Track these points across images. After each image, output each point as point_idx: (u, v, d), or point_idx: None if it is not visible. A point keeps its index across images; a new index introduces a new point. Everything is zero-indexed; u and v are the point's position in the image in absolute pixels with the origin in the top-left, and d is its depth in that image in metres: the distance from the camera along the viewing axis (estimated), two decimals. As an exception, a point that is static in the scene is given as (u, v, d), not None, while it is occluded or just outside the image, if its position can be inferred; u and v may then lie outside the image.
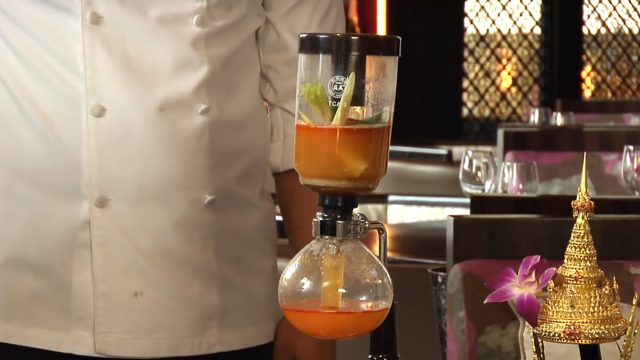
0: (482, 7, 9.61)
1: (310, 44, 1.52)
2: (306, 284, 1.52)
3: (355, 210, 1.54)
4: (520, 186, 3.76)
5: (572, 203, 1.66)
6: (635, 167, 3.90)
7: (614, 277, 1.66)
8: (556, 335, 1.63)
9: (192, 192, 2.06)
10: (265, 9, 2.13)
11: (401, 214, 4.47)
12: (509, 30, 9.75)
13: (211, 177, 2.07)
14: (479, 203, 2.90)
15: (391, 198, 4.48)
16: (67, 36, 2.04)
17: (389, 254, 3.23)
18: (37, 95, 2.04)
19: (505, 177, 3.79)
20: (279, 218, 2.20)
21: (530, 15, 9.77)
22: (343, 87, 1.49)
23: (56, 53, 2.04)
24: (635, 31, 10.11)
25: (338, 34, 1.53)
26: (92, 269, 2.05)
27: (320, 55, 1.51)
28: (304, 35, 1.54)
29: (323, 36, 1.53)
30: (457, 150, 5.69)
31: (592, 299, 1.64)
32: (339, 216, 1.52)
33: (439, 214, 4.31)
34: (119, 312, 2.05)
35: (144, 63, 2.03)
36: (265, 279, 2.13)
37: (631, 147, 3.98)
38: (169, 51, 2.04)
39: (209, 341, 2.09)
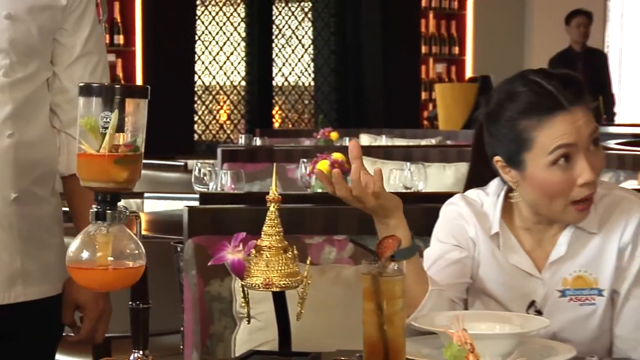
0: (207, 68, 9.60)
1: (87, 90, 1.50)
2: (85, 253, 1.49)
3: (120, 203, 1.52)
4: (233, 186, 3.76)
5: (266, 197, 1.66)
6: (307, 173, 3.94)
7: (295, 246, 1.67)
8: (256, 285, 1.63)
9: (1, 192, 1.98)
10: (52, 65, 2.07)
11: (153, 205, 4.40)
12: (224, 82, 9.77)
13: (15, 181, 2.00)
14: (205, 197, 2.88)
15: (146, 195, 4.41)
16: None
17: (144, 232, 3.16)
18: None
19: (223, 180, 3.79)
20: (65, 209, 2.14)
21: (238, 73, 9.81)
22: (109, 120, 1.47)
23: None
24: (307, 84, 10.27)
25: (106, 84, 1.51)
26: None
27: (94, 97, 1.48)
28: (82, 84, 1.51)
29: (95, 85, 1.51)
30: (191, 162, 5.62)
31: (280, 261, 1.64)
32: (108, 208, 1.50)
33: (178, 205, 4.26)
34: None
35: None
36: (56, 251, 2.06)
37: (305, 160, 4.03)
38: None
39: (15, 294, 2.01)
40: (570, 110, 1.88)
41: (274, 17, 9.95)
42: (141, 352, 1.57)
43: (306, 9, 10.18)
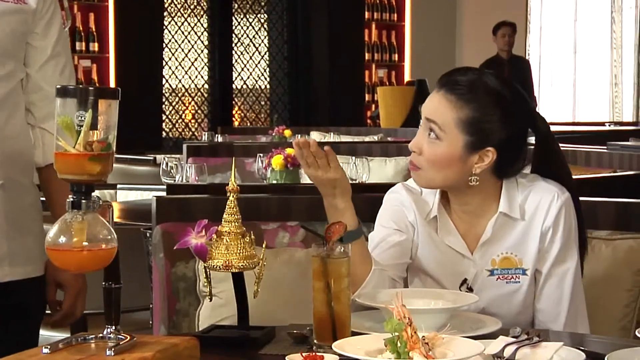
0: (173, 72, 9.54)
1: (63, 92, 1.48)
2: (62, 238, 1.47)
3: (94, 194, 1.50)
4: (196, 178, 3.74)
5: (226, 188, 1.66)
6: (263, 166, 3.93)
7: (252, 232, 1.66)
8: (217, 267, 1.62)
9: None
10: (25, 66, 2.04)
11: (125, 195, 4.36)
12: (190, 85, 9.72)
13: (1, 170, 1.96)
14: (172, 188, 2.86)
15: (119, 186, 4.37)
16: None
17: (117, 220, 3.11)
18: None
19: (187, 173, 3.76)
20: (44, 199, 2.11)
21: (202, 77, 9.76)
22: (84, 119, 1.46)
23: None
24: (263, 87, 10.24)
25: (81, 86, 1.50)
26: None
27: (70, 98, 1.47)
28: (59, 86, 1.49)
29: (71, 87, 1.49)
30: (159, 157, 5.58)
31: (239, 245, 1.64)
32: (82, 197, 1.48)
33: (148, 195, 4.22)
34: None
35: None
36: (37, 236, 2.03)
37: (261, 155, 4.02)
38: None
39: (3, 273, 1.98)
40: (436, 91, 1.93)
41: (233, 27, 9.94)
42: (114, 327, 1.55)
43: (262, 20, 10.16)
